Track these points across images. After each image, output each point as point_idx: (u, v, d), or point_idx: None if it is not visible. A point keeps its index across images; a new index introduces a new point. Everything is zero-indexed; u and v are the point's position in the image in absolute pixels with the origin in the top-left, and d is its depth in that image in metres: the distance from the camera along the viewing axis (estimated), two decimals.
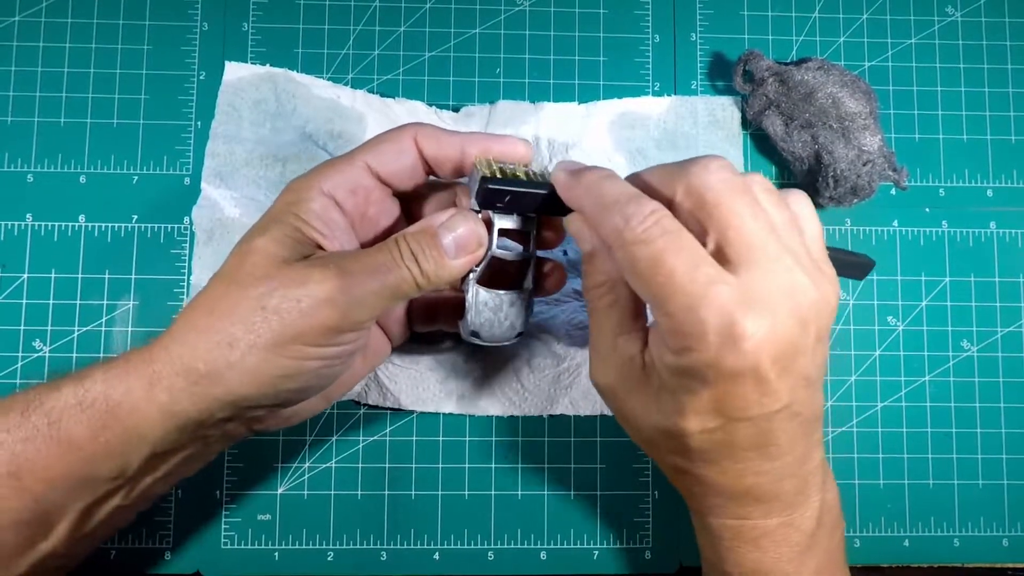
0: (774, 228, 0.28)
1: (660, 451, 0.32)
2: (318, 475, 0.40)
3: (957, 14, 0.45)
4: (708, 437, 0.29)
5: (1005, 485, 0.42)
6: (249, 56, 0.43)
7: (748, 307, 0.26)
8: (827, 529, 0.32)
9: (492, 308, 0.33)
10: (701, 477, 0.31)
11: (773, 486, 0.30)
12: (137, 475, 0.30)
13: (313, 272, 0.29)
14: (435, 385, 0.40)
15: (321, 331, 0.29)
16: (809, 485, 0.31)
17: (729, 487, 0.30)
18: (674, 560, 0.41)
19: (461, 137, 0.32)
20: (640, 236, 0.27)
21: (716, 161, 0.29)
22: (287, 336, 0.29)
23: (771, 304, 0.27)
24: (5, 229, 0.41)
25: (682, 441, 0.29)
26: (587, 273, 0.32)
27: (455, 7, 0.44)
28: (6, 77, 0.42)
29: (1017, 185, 0.44)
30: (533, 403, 0.41)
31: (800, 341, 0.27)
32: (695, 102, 0.43)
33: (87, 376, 0.29)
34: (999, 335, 0.43)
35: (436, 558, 0.40)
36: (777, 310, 0.27)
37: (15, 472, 0.28)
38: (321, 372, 0.31)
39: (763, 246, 0.27)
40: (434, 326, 0.37)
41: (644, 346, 0.31)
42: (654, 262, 0.27)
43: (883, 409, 0.42)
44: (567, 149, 0.42)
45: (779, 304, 0.27)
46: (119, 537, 0.39)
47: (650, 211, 0.28)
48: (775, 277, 0.27)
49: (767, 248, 0.27)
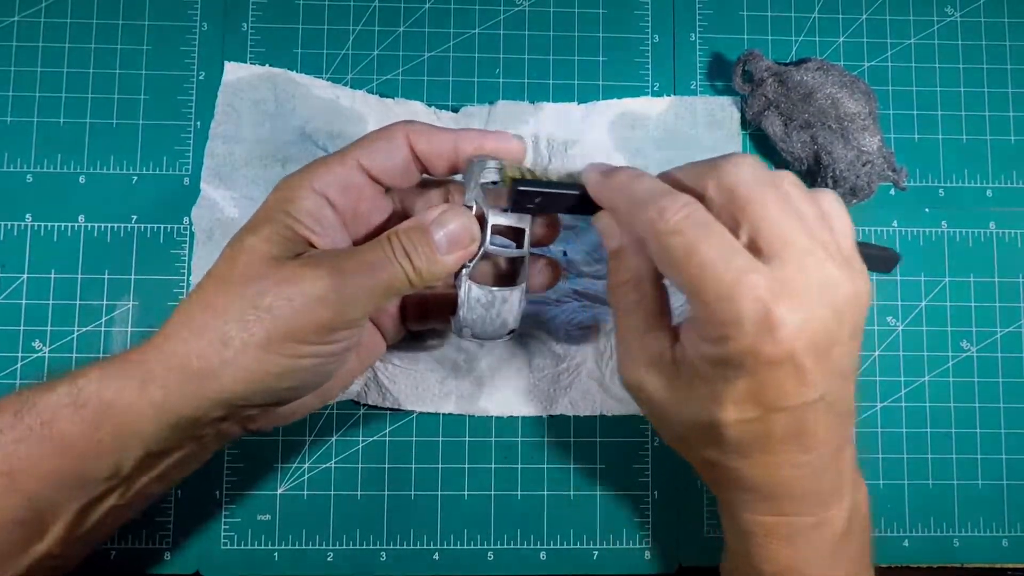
0: (806, 223, 0.28)
1: (694, 447, 0.32)
2: (318, 475, 0.40)
3: (957, 14, 0.45)
4: (745, 428, 0.29)
5: (1005, 485, 0.42)
6: (248, 56, 0.43)
7: (783, 296, 0.27)
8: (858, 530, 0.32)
9: (484, 304, 0.33)
10: (735, 471, 0.31)
11: (807, 481, 0.30)
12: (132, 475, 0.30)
13: (305, 270, 0.29)
14: (434, 385, 0.40)
15: (314, 329, 0.29)
16: (843, 483, 0.31)
17: (763, 481, 0.30)
18: (674, 560, 0.41)
19: (454, 134, 0.32)
20: (674, 227, 0.28)
21: (747, 158, 0.29)
22: (280, 334, 0.29)
23: (806, 295, 0.27)
24: (5, 229, 0.41)
25: (718, 433, 0.29)
26: (613, 270, 0.32)
27: (454, 7, 0.44)
28: (6, 77, 0.42)
29: (1017, 185, 0.44)
30: (533, 403, 0.41)
31: (835, 332, 0.28)
32: (694, 102, 0.43)
33: (80, 376, 0.29)
34: (999, 335, 0.43)
35: (436, 558, 0.40)
36: (812, 301, 0.27)
37: (8, 472, 0.28)
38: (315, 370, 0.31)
39: (795, 239, 0.27)
40: (428, 323, 0.37)
41: (673, 341, 0.31)
42: (689, 252, 0.27)
43: (883, 409, 0.42)
44: (566, 149, 0.42)
45: (813, 295, 0.27)
46: (119, 537, 0.39)
47: (684, 203, 0.28)
48: (808, 269, 0.27)
49: (799, 241, 0.27)
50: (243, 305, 0.29)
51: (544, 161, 0.42)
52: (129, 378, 0.29)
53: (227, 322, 0.29)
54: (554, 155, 0.42)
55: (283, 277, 0.29)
